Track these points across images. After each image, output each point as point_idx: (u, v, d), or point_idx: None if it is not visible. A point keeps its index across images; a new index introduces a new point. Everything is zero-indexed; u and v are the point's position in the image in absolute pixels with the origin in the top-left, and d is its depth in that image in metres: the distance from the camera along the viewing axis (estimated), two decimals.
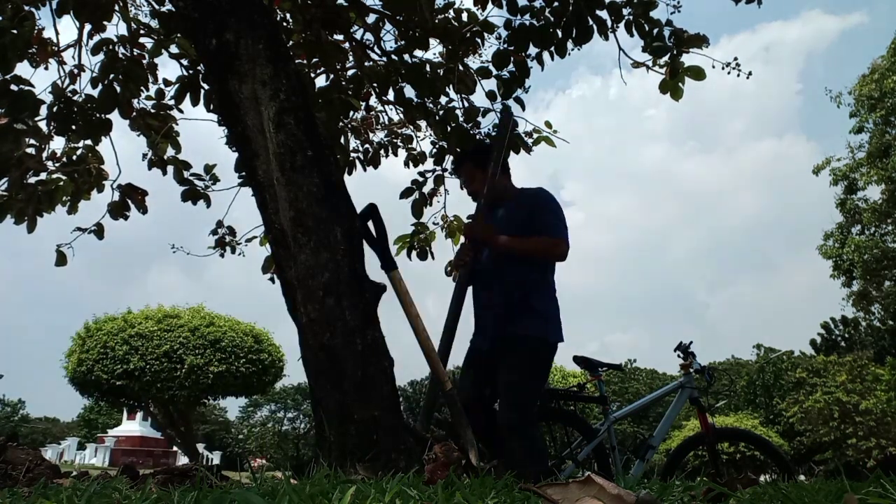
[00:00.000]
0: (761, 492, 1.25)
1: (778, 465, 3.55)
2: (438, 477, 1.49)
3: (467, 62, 3.98)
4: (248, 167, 2.41)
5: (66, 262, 4.12)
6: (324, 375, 2.18)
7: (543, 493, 1.02)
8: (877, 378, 22.44)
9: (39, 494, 1.25)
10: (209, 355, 14.51)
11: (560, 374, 13.23)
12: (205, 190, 4.32)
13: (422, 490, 1.23)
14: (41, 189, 3.92)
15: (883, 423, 21.66)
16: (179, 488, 1.30)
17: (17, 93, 3.28)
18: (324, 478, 1.43)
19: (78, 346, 14.60)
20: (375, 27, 4.02)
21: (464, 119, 4.17)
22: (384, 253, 2.69)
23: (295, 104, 2.35)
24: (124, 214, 4.15)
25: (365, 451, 2.05)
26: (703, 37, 3.55)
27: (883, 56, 16.11)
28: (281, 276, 2.35)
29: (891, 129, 16.34)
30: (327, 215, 2.27)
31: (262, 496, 1.00)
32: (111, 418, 40.99)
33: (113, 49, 3.71)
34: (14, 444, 1.96)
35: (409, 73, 3.87)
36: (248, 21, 2.41)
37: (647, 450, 3.51)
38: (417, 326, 2.61)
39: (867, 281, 17.84)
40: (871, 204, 17.29)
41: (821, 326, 33.21)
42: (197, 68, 3.96)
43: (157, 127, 4.11)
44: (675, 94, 3.65)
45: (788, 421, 25.72)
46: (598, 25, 3.60)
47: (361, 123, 4.69)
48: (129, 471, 1.83)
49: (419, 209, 4.44)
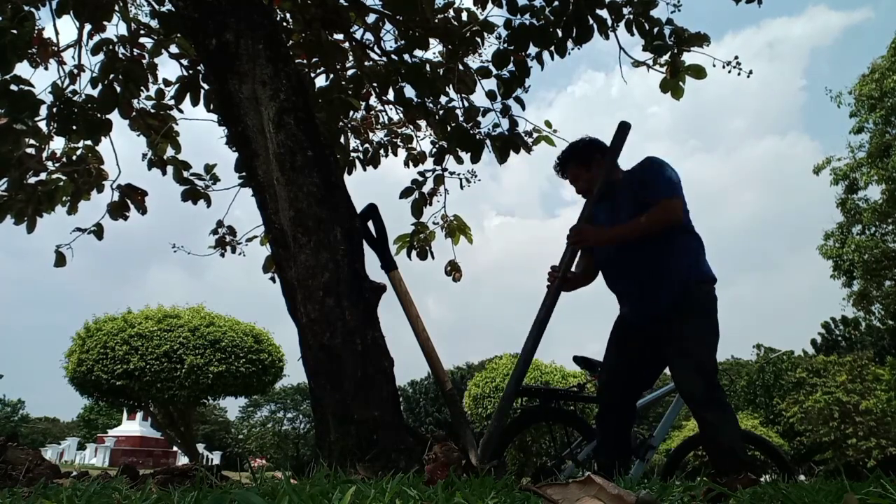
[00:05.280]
0: (761, 492, 1.24)
1: (778, 465, 3.55)
2: (438, 477, 1.49)
3: (467, 62, 3.99)
4: (248, 167, 2.41)
5: (65, 263, 4.12)
6: (324, 375, 2.18)
7: (543, 493, 1.02)
8: (877, 378, 22.45)
9: (39, 494, 1.25)
10: (209, 355, 14.50)
11: (560, 374, 13.23)
12: (205, 190, 4.32)
13: (422, 490, 1.23)
14: (41, 189, 3.92)
15: (883, 423, 21.67)
16: (179, 488, 1.30)
17: (17, 93, 3.28)
18: (324, 478, 1.43)
19: (78, 346, 14.58)
20: (375, 27, 4.01)
21: (464, 119, 4.17)
22: (384, 253, 2.69)
23: (295, 104, 2.35)
24: (124, 215, 4.15)
25: (365, 451, 2.05)
26: (703, 35, 3.55)
27: (883, 56, 16.10)
28: (281, 276, 2.35)
29: (891, 129, 16.33)
30: (327, 215, 2.27)
31: (262, 496, 1.00)
32: (111, 418, 40.97)
33: (113, 49, 3.71)
34: (14, 444, 1.95)
35: (409, 73, 3.87)
36: (248, 21, 2.41)
37: (647, 450, 3.51)
38: (417, 326, 2.61)
39: (867, 281, 17.82)
40: (872, 204, 17.27)
41: (821, 326, 33.25)
42: (197, 68, 3.96)
43: (157, 127, 4.11)
44: (675, 93, 3.65)
45: (788, 421, 25.73)
46: (598, 25, 3.60)
47: (361, 123, 4.69)
48: (129, 471, 1.83)
49: (419, 209, 4.44)
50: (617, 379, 3.03)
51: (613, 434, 3.03)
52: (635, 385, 3.05)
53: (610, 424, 3.05)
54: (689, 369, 2.71)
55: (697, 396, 2.68)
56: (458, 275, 4.58)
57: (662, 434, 3.69)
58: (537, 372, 13.16)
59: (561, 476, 3.16)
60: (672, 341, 2.79)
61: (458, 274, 4.58)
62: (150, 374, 14.09)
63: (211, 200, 4.33)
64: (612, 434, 3.03)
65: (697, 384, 2.68)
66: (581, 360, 3.84)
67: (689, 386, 2.72)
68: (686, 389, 2.74)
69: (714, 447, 2.69)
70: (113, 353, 14.17)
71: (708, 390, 2.67)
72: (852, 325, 32.19)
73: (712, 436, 2.68)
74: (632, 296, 3.00)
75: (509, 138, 4.11)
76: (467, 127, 4.13)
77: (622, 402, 3.04)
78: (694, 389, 2.69)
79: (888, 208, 16.53)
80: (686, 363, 2.73)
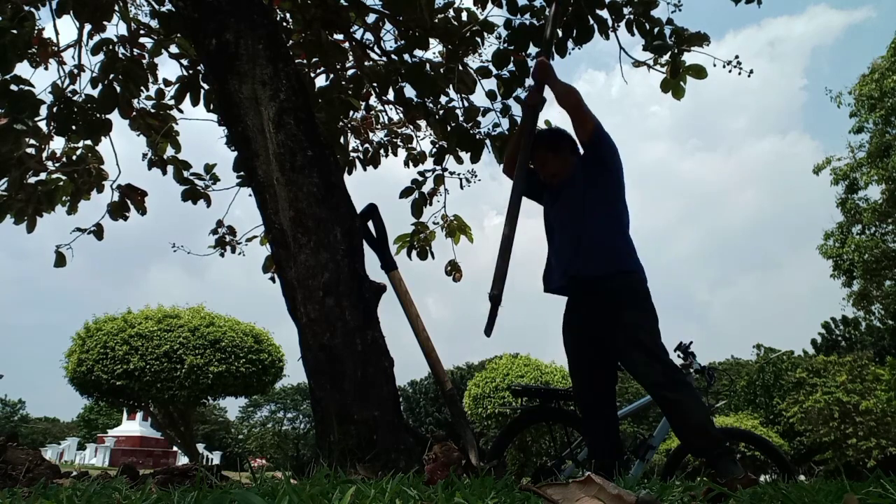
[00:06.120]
0: (761, 492, 1.24)
1: (778, 465, 3.55)
2: (438, 477, 1.49)
3: (467, 62, 3.98)
4: (248, 167, 2.41)
5: (65, 263, 4.12)
6: (324, 375, 2.18)
7: (543, 493, 1.02)
8: (877, 378, 22.42)
9: (39, 494, 1.25)
10: (209, 355, 14.50)
11: (560, 375, 13.22)
12: (205, 189, 4.32)
13: (422, 490, 1.23)
14: (41, 189, 3.92)
15: (883, 423, 21.64)
16: (179, 488, 1.30)
17: (17, 93, 3.28)
18: (324, 478, 1.43)
19: (78, 346, 14.58)
20: (375, 27, 4.01)
21: (464, 119, 4.16)
22: (384, 253, 2.69)
23: (295, 104, 2.35)
24: (124, 215, 4.15)
25: (365, 451, 2.05)
26: (703, 35, 3.55)
27: (883, 56, 16.09)
28: (281, 276, 2.35)
29: (891, 129, 16.32)
30: (327, 215, 2.27)
31: (262, 496, 1.00)
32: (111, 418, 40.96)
33: (113, 49, 3.70)
34: (14, 444, 1.95)
35: (409, 72, 3.87)
36: (248, 21, 2.41)
37: (647, 450, 3.51)
38: (417, 326, 2.61)
39: (867, 281, 17.82)
40: (872, 204, 17.28)
41: (821, 326, 33.24)
42: (197, 68, 3.96)
43: (157, 127, 4.11)
44: (676, 93, 3.64)
45: (788, 421, 25.70)
46: (598, 25, 3.60)
47: (361, 123, 4.69)
48: (129, 471, 1.82)
49: (419, 209, 4.44)
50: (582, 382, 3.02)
51: (603, 437, 3.00)
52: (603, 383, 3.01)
53: (597, 428, 3.02)
54: (642, 357, 2.76)
55: (659, 380, 2.73)
56: (458, 275, 4.58)
57: (662, 434, 3.69)
58: (537, 372, 13.16)
59: (561, 476, 3.16)
60: (617, 335, 2.82)
61: (458, 274, 4.58)
62: (150, 374, 14.09)
63: (211, 200, 4.33)
64: (601, 438, 3.01)
65: (655, 370, 2.73)
66: None
67: (647, 373, 2.76)
68: (646, 378, 2.77)
69: (686, 427, 2.73)
70: (113, 353, 14.17)
71: (667, 371, 2.73)
72: (852, 325, 32.18)
73: (681, 415, 2.72)
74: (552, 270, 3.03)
75: (509, 138, 4.10)
76: (467, 127, 4.13)
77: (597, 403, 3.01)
78: (654, 375, 2.74)
79: (888, 208, 16.53)
80: (637, 353, 2.77)
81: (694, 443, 2.73)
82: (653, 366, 2.74)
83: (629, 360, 2.82)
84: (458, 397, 3.09)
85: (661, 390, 2.74)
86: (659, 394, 2.76)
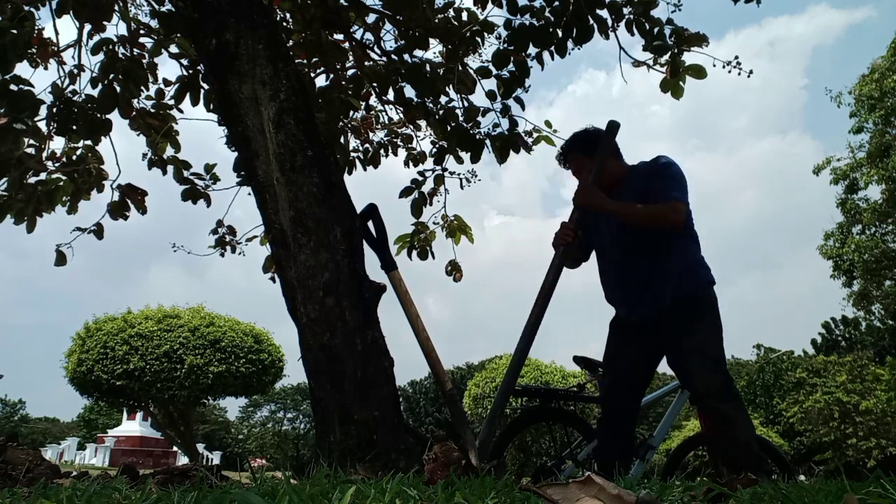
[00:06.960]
0: (761, 492, 1.24)
1: (778, 466, 3.55)
2: (438, 477, 1.49)
3: (467, 62, 3.98)
4: (248, 167, 2.40)
5: (65, 262, 4.12)
6: (324, 375, 2.18)
7: (543, 493, 1.02)
8: (877, 378, 22.43)
9: (39, 494, 1.25)
10: (209, 355, 14.51)
11: (560, 374, 13.23)
12: (205, 189, 4.32)
13: (422, 490, 1.23)
14: (41, 189, 3.92)
15: (883, 423, 21.65)
16: (179, 488, 1.30)
17: (17, 93, 3.28)
18: (324, 478, 1.43)
19: (78, 346, 14.59)
20: (375, 27, 4.01)
21: (464, 119, 4.16)
22: (384, 253, 2.69)
23: (295, 104, 2.35)
24: (124, 214, 4.15)
25: (365, 451, 2.05)
26: (703, 35, 3.54)
27: (883, 56, 16.09)
28: (281, 276, 2.34)
29: (891, 129, 16.33)
30: (327, 215, 2.27)
31: (262, 496, 1.00)
32: (111, 418, 40.97)
33: (113, 49, 3.70)
34: (14, 444, 1.95)
35: (409, 73, 3.87)
36: (248, 21, 2.41)
37: (647, 450, 3.51)
38: (417, 326, 2.61)
39: (867, 281, 17.83)
40: (872, 204, 17.28)
41: (821, 326, 33.25)
42: (197, 68, 3.95)
43: (157, 127, 4.11)
44: (676, 93, 3.64)
45: (788, 421, 25.71)
46: (598, 25, 3.59)
47: (361, 123, 4.69)
48: (129, 471, 1.82)
49: (419, 209, 4.44)
50: (623, 380, 3.04)
51: (619, 436, 3.04)
52: (640, 385, 3.07)
53: (616, 426, 3.05)
54: (707, 366, 2.77)
55: (715, 391, 2.74)
56: (458, 275, 4.58)
57: (662, 434, 3.69)
58: (537, 372, 13.16)
59: (561, 476, 3.16)
60: (684, 341, 2.83)
61: (458, 274, 4.58)
62: (150, 374, 14.10)
63: (211, 200, 4.33)
64: (617, 436, 3.04)
65: (716, 379, 2.75)
66: (581, 360, 3.84)
67: (707, 381, 2.76)
68: (704, 385, 2.77)
69: (731, 441, 2.72)
70: (113, 353, 14.18)
71: (726, 384, 2.75)
72: (852, 325, 32.21)
73: (730, 429, 2.72)
74: (632, 298, 3.00)
75: (509, 138, 4.11)
76: (467, 127, 4.13)
77: (630, 404, 3.05)
78: (712, 384, 2.75)
79: (888, 208, 16.53)
80: (703, 360, 2.78)
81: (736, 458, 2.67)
82: (714, 375, 2.75)
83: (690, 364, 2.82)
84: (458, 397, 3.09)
85: (715, 401, 2.74)
86: (710, 404, 2.77)
